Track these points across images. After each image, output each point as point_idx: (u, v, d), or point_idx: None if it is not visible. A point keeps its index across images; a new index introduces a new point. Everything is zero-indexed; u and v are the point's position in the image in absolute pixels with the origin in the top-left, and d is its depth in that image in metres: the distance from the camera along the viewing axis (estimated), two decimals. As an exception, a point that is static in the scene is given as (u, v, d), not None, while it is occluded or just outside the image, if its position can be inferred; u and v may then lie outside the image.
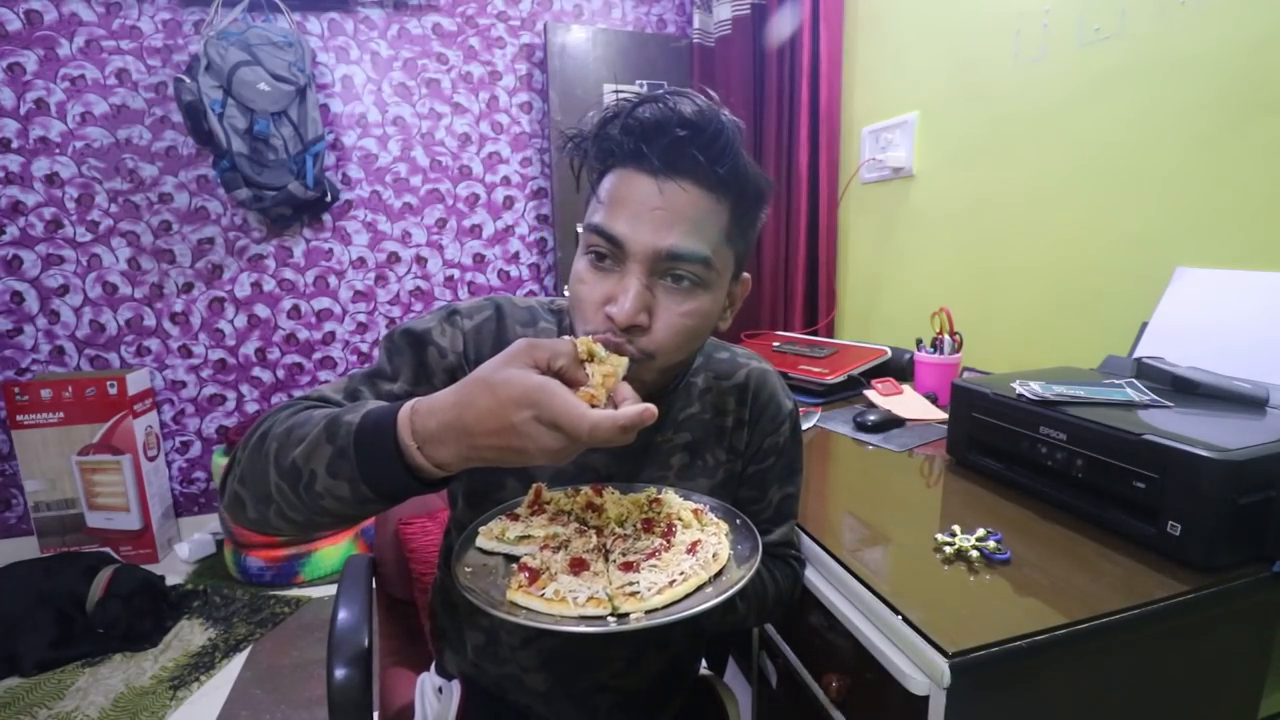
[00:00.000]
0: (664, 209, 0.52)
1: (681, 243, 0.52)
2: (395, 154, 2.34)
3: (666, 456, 0.67)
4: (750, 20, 2.06)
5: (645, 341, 0.54)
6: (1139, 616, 0.59)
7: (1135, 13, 1.09)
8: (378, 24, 2.24)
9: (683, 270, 0.53)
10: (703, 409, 0.68)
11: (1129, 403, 0.80)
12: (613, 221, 0.53)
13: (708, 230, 0.54)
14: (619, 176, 0.54)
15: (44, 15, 1.97)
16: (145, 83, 2.07)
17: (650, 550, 0.53)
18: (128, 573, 1.74)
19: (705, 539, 0.54)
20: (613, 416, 0.41)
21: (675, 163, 0.52)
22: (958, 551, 0.69)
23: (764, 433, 0.70)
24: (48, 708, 1.47)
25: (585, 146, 0.57)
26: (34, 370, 2.13)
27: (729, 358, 0.71)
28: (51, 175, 2.05)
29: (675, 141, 0.52)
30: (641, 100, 0.54)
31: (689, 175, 0.52)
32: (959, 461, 0.96)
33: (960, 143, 1.49)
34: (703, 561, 0.51)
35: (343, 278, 2.36)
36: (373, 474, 0.44)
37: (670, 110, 0.52)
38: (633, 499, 0.61)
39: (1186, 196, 1.04)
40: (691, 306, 0.54)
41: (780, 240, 2.07)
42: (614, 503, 0.59)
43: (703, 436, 0.68)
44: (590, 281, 0.55)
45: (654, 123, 0.52)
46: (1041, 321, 1.31)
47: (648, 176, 0.52)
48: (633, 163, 0.53)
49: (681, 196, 0.52)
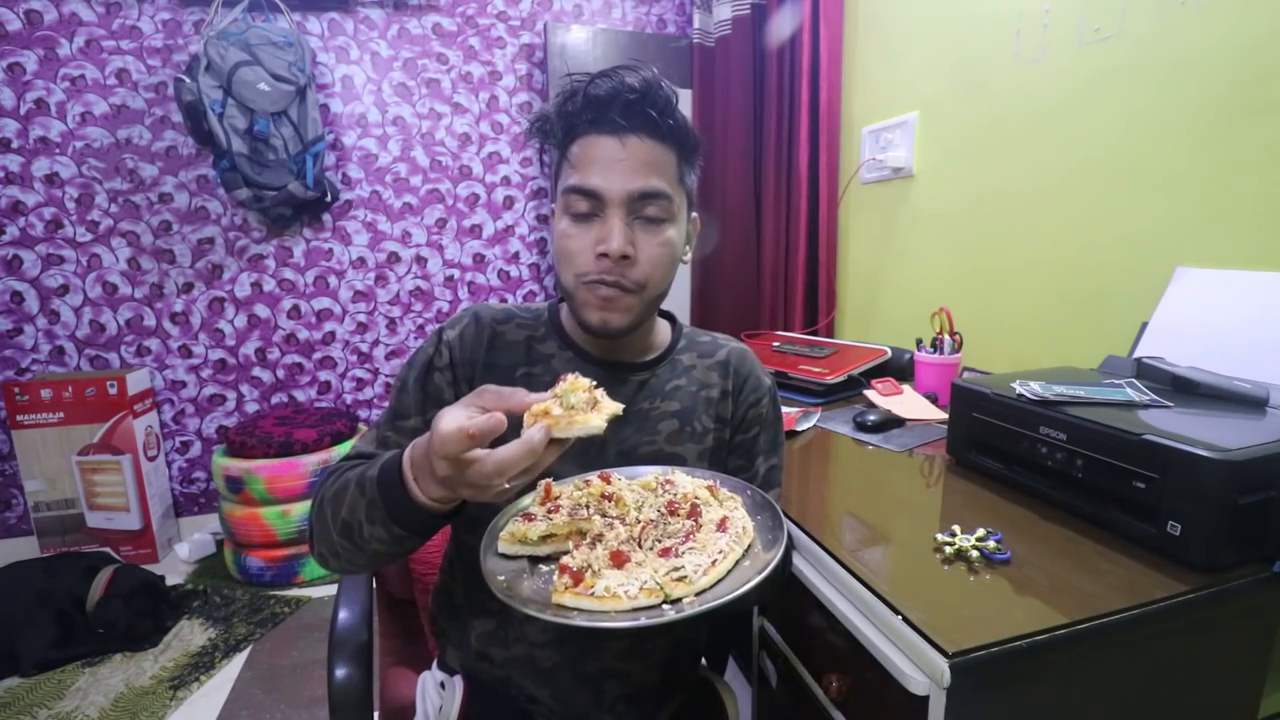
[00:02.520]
0: (629, 159, 0.62)
1: (649, 183, 0.63)
2: (395, 154, 2.34)
3: (656, 423, 0.72)
4: (750, 20, 2.06)
5: (635, 272, 0.64)
6: (1139, 617, 0.59)
7: (1135, 13, 1.09)
8: (378, 24, 2.24)
9: (652, 208, 0.63)
10: (689, 382, 0.74)
11: (1129, 403, 0.80)
12: (588, 178, 0.62)
13: (666, 172, 0.64)
14: (585, 142, 0.63)
15: (44, 15, 1.97)
16: (145, 83, 2.07)
17: (684, 532, 0.53)
18: (127, 573, 1.74)
19: (730, 514, 0.55)
20: (461, 426, 0.44)
21: (631, 121, 0.62)
22: (958, 551, 0.69)
23: (747, 403, 0.75)
24: (48, 708, 1.47)
25: (549, 126, 0.66)
26: (34, 370, 2.13)
27: (710, 340, 0.79)
28: (51, 175, 2.05)
29: (629, 104, 0.61)
30: (596, 76, 0.63)
31: (644, 130, 0.63)
32: (959, 461, 0.96)
33: (960, 143, 1.49)
34: (735, 536, 0.52)
35: (343, 278, 2.36)
36: (396, 514, 0.52)
37: (621, 80, 0.62)
38: (643, 483, 0.61)
39: (1186, 196, 1.04)
40: (664, 237, 0.65)
41: (780, 240, 2.06)
42: (628, 489, 0.59)
43: (690, 405, 0.73)
44: (576, 234, 0.64)
45: (610, 92, 0.62)
46: (1042, 321, 1.31)
47: (610, 136, 0.62)
48: (595, 128, 0.63)
49: (641, 147, 0.62)
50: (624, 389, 0.71)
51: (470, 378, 0.69)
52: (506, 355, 0.71)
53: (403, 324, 2.45)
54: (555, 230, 0.67)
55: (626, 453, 0.70)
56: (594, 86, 0.62)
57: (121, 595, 1.68)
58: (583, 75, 0.64)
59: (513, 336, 0.72)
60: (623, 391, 0.71)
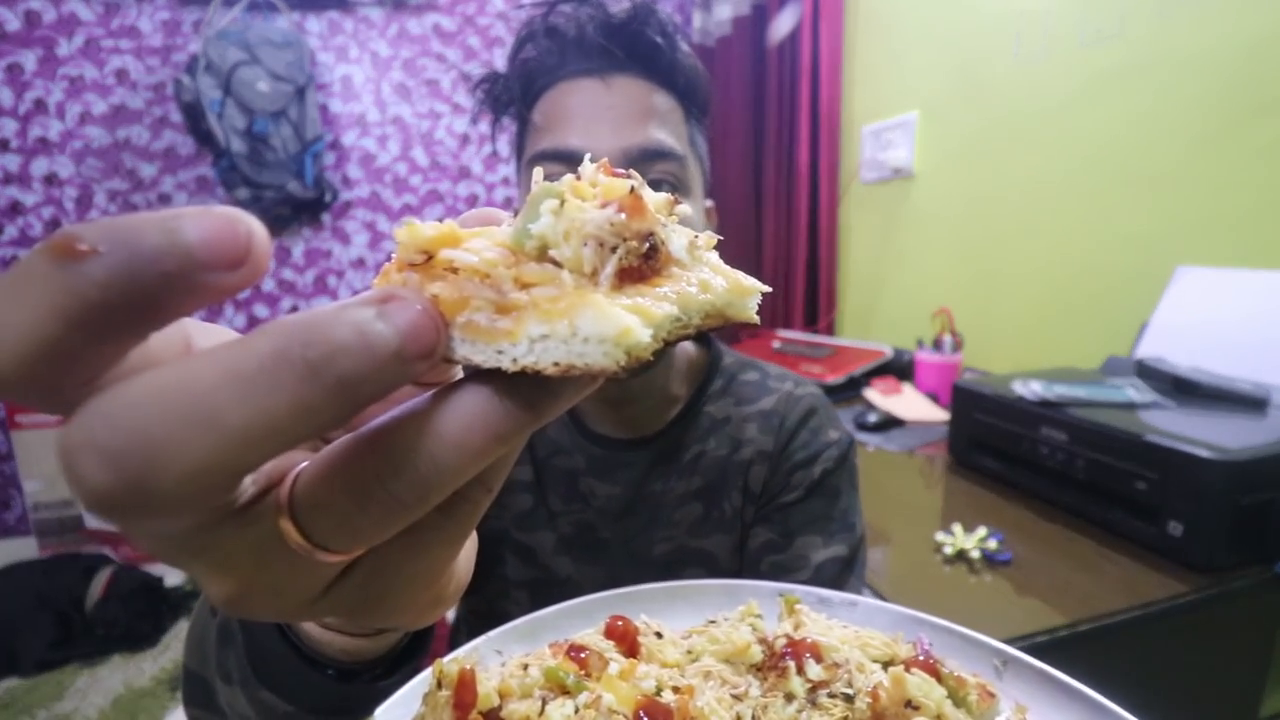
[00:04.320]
0: (619, 105, 0.43)
1: (651, 137, 0.43)
2: (395, 154, 2.33)
3: (673, 510, 0.52)
4: (750, 20, 2.05)
5: None
6: (1140, 617, 0.59)
7: (1135, 13, 1.09)
8: (377, 24, 2.24)
9: (659, 172, 0.44)
10: (718, 444, 0.53)
11: (1130, 403, 0.80)
12: (565, 137, 0.43)
13: (674, 127, 0.45)
14: (555, 93, 0.45)
15: (43, 15, 1.97)
16: (144, 83, 2.07)
17: None
18: (126, 574, 1.73)
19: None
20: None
21: (616, 55, 0.44)
22: (959, 551, 0.69)
23: (792, 464, 0.52)
24: (47, 708, 1.47)
25: (503, 89, 0.48)
26: (33, 370, 2.13)
27: (758, 380, 0.56)
28: (50, 175, 2.04)
29: (611, 32, 0.44)
30: (553, 4, 0.45)
31: (636, 67, 0.45)
32: (960, 461, 0.96)
33: (961, 142, 1.49)
34: None
35: (342, 278, 2.36)
36: (259, 659, 0.32)
37: (594, 3, 0.45)
38: (726, 648, 0.24)
39: (1186, 196, 1.04)
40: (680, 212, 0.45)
41: (780, 240, 2.06)
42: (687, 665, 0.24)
43: (718, 480, 0.53)
44: None
45: (580, 21, 0.45)
46: (1042, 321, 1.31)
47: (589, 78, 0.44)
48: (566, 73, 0.45)
49: (635, 88, 0.44)
50: (628, 473, 0.52)
51: None
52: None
53: (402, 324, 2.45)
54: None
55: (638, 555, 0.51)
56: (554, 20, 0.45)
57: (120, 596, 1.67)
58: (540, 3, 0.46)
59: None
60: (628, 476, 0.52)
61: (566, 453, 0.53)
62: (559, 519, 0.53)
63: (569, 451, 0.53)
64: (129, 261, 0.10)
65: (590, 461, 0.53)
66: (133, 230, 0.10)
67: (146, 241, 0.10)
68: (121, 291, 0.10)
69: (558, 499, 0.53)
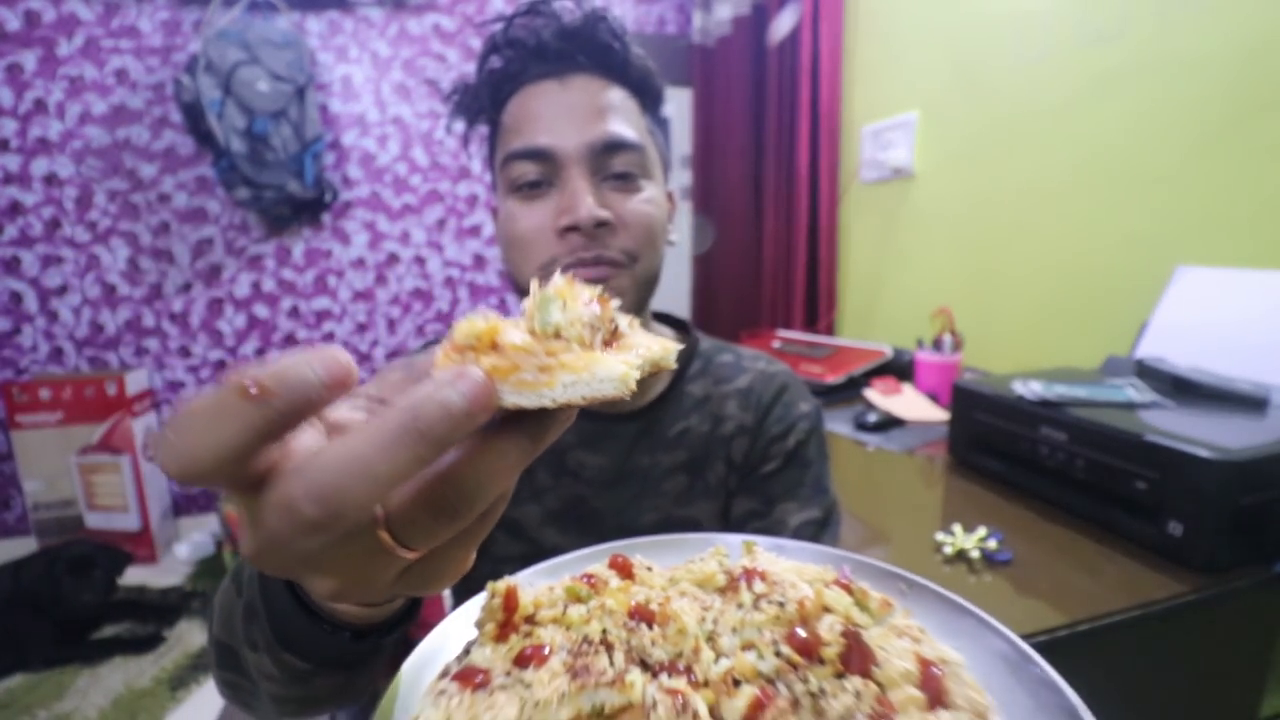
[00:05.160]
0: (580, 104, 0.49)
1: (612, 130, 0.49)
2: (395, 154, 2.33)
3: (659, 481, 0.56)
4: (750, 20, 2.06)
5: (619, 240, 0.50)
6: (1140, 617, 0.59)
7: (1135, 13, 1.09)
8: (377, 24, 2.24)
9: (622, 162, 0.50)
10: (700, 420, 0.58)
11: (1130, 403, 0.80)
12: (533, 136, 0.49)
13: (631, 118, 0.51)
14: (521, 97, 0.51)
15: (43, 15, 1.97)
16: (144, 83, 2.07)
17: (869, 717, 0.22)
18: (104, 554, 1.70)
19: (926, 652, 0.25)
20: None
21: (573, 58, 0.50)
22: (958, 551, 0.69)
23: (768, 437, 0.58)
24: (48, 708, 1.47)
25: (473, 98, 0.53)
26: (33, 370, 2.13)
27: (733, 361, 0.62)
28: (50, 175, 2.04)
29: (567, 37, 0.50)
30: (514, 15, 0.51)
31: (592, 68, 0.50)
32: (960, 461, 0.96)
33: (961, 143, 1.49)
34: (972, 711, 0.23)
35: (342, 278, 2.36)
36: (281, 628, 0.36)
37: (549, 14, 0.50)
38: (698, 573, 0.30)
39: (1186, 196, 1.04)
40: (646, 195, 0.51)
41: (780, 240, 2.06)
42: (671, 586, 0.30)
43: (702, 452, 0.57)
44: (526, 213, 0.50)
45: (535, 29, 0.50)
46: (1042, 321, 1.31)
47: (551, 81, 0.50)
48: (530, 77, 0.50)
49: (592, 86, 0.50)
50: (615, 445, 0.56)
51: None
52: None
53: (402, 324, 2.45)
54: (500, 217, 0.53)
55: (627, 525, 0.55)
56: (515, 30, 0.50)
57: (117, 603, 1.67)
58: (496, 20, 0.52)
59: None
60: (615, 447, 0.56)
61: None
62: (546, 494, 0.57)
63: None
64: (291, 397, 0.17)
65: (580, 435, 0.56)
66: (290, 373, 0.17)
67: (300, 382, 0.17)
68: (289, 413, 0.17)
69: (546, 475, 0.57)
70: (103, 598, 1.65)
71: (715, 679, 0.24)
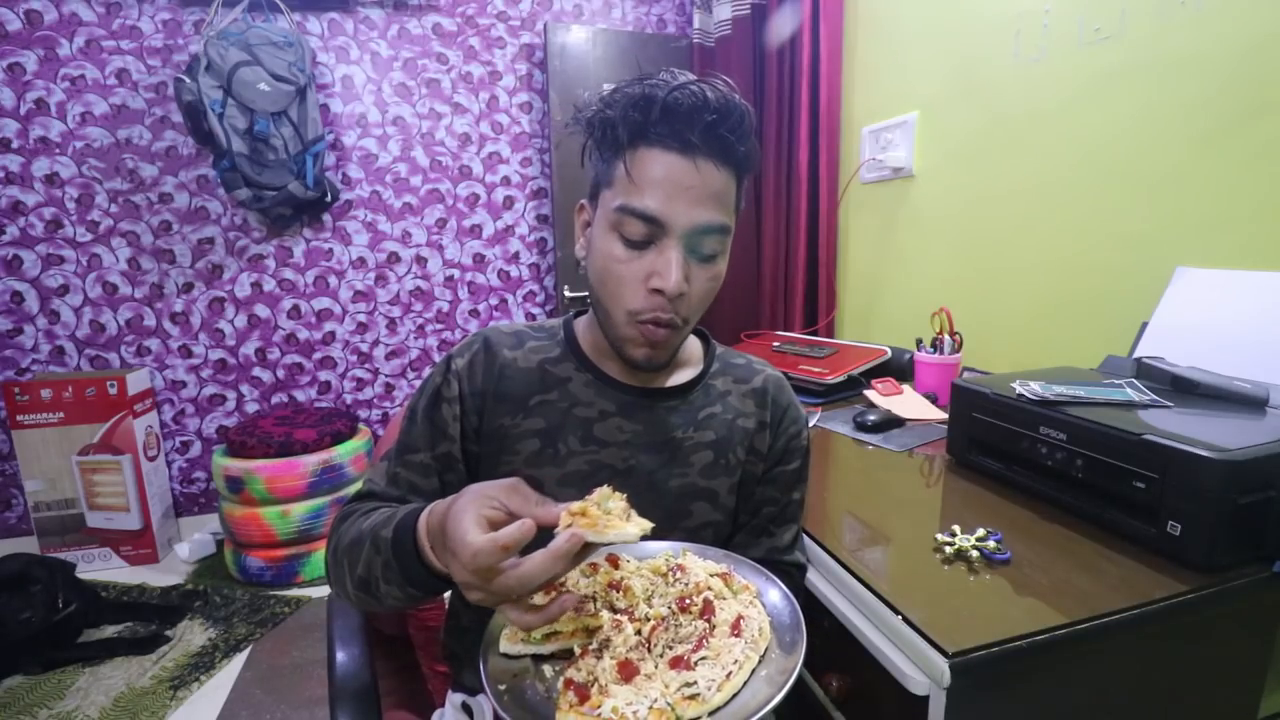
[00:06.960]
0: (698, 187, 0.56)
1: (714, 217, 0.57)
2: (395, 154, 2.34)
3: (690, 454, 0.67)
4: (750, 20, 2.06)
5: (684, 308, 0.59)
6: (1139, 616, 0.59)
7: (1135, 13, 1.09)
8: (378, 24, 2.24)
9: (711, 242, 0.58)
10: (724, 410, 0.69)
11: (1129, 403, 0.80)
12: (650, 201, 0.56)
13: (727, 203, 0.59)
14: (651, 157, 0.56)
15: (44, 15, 1.97)
16: (145, 83, 2.07)
17: (696, 637, 0.49)
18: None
19: (746, 613, 0.50)
20: (494, 538, 0.41)
21: (708, 143, 0.56)
22: (958, 551, 0.69)
23: (787, 435, 0.70)
24: (48, 708, 1.47)
25: (608, 129, 0.58)
26: (34, 370, 2.13)
27: (745, 364, 0.74)
28: (51, 175, 2.05)
29: (708, 125, 0.55)
30: (676, 86, 0.56)
31: (717, 155, 0.56)
32: (959, 461, 0.96)
33: (960, 143, 1.49)
34: (750, 641, 0.48)
35: (343, 278, 2.36)
36: (411, 579, 0.50)
37: (701, 95, 0.55)
38: (653, 567, 0.57)
39: (1186, 196, 1.04)
40: (715, 271, 0.61)
41: (780, 240, 2.07)
42: (635, 573, 0.55)
43: (727, 436, 0.68)
44: (627, 260, 0.58)
45: (688, 107, 0.55)
46: (1041, 321, 1.31)
47: (680, 157, 0.56)
48: (664, 144, 0.56)
49: (713, 175, 0.57)
50: (653, 415, 0.67)
51: (480, 409, 0.65)
52: (519, 384, 0.66)
53: (403, 324, 2.45)
54: (597, 246, 0.60)
55: (657, 485, 0.65)
56: (673, 98, 0.55)
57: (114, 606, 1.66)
58: (652, 80, 0.57)
59: (525, 363, 0.67)
60: (652, 418, 0.67)
61: (587, 405, 0.66)
62: (570, 459, 0.65)
63: (589, 404, 0.66)
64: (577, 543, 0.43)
65: (621, 406, 0.66)
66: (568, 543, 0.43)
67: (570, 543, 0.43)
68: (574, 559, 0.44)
69: (575, 441, 0.65)
70: (46, 613, 1.58)
71: (642, 618, 0.51)
